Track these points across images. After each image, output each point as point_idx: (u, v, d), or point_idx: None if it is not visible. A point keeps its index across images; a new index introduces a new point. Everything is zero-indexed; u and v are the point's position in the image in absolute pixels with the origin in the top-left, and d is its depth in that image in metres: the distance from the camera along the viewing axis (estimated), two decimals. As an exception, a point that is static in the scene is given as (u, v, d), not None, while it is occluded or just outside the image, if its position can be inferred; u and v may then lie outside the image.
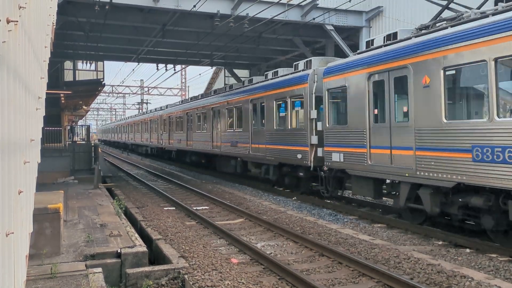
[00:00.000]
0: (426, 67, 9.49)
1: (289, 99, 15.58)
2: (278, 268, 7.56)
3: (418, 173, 9.69)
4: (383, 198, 13.09)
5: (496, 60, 7.99)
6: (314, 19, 19.85)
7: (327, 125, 13.34)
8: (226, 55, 28.12)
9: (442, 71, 9.12)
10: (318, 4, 19.80)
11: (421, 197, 9.75)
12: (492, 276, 7.06)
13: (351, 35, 22.73)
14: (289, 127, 15.60)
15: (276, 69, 17.82)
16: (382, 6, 20.64)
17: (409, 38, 10.45)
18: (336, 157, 12.80)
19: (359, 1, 19.04)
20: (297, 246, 9.34)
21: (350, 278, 7.26)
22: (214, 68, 42.95)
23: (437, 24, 10.25)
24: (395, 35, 11.20)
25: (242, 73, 35.21)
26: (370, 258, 8.06)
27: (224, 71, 38.09)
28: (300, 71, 15.64)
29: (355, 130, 11.90)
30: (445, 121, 9.08)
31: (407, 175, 9.99)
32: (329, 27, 20.76)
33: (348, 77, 12.21)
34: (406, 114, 10.28)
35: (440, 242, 9.58)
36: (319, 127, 13.95)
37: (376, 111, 11.26)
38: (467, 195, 8.81)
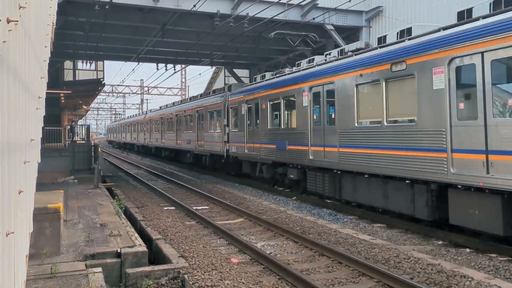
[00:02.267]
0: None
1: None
2: (278, 268, 7.56)
3: None
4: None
5: None
6: (314, 19, 19.86)
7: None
8: (226, 55, 28.12)
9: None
10: (318, 4, 19.81)
11: None
12: (492, 276, 7.06)
13: (351, 35, 22.73)
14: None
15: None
16: (382, 6, 20.65)
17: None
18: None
19: (359, 1, 19.05)
20: (297, 246, 9.34)
21: (350, 278, 7.26)
22: (214, 67, 42.97)
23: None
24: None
25: (242, 72, 35.21)
26: (370, 258, 8.06)
27: (224, 71, 38.10)
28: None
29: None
30: None
31: None
32: (329, 27, 20.77)
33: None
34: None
35: (440, 242, 9.58)
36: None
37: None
38: None
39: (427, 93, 9.53)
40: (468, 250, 8.89)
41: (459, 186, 8.75)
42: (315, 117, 14.03)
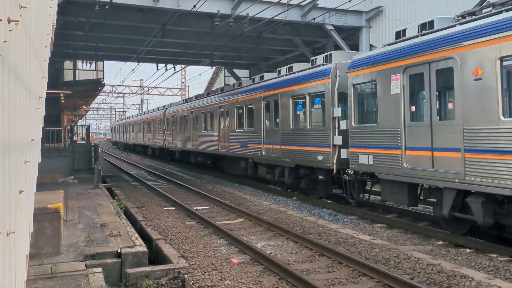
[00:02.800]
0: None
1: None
2: (278, 268, 7.56)
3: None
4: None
5: None
6: (314, 19, 19.85)
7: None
8: (226, 55, 28.12)
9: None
10: (318, 4, 19.81)
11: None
12: (492, 276, 7.06)
13: (351, 35, 22.73)
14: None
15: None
16: (382, 6, 20.64)
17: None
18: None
19: (359, 1, 19.04)
20: (297, 246, 9.34)
21: (350, 278, 7.26)
22: (214, 68, 42.97)
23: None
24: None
25: (242, 73, 35.22)
26: (370, 258, 8.06)
27: (224, 71, 38.11)
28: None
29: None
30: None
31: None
32: (329, 27, 20.76)
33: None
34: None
35: (440, 242, 9.58)
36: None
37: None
38: None
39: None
40: (468, 250, 8.89)
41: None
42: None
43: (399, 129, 10.43)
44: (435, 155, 9.38)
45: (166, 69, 30.72)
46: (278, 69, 17.65)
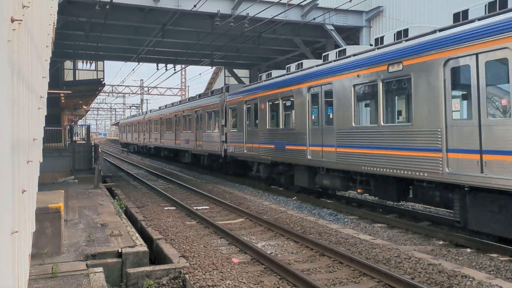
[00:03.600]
0: None
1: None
2: (279, 268, 7.56)
3: None
4: None
5: None
6: (314, 19, 19.86)
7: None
8: (226, 55, 28.12)
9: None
10: (318, 4, 19.81)
11: None
12: (493, 276, 7.07)
13: (351, 35, 22.75)
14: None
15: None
16: (382, 6, 20.65)
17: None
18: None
19: (359, 1, 19.05)
20: (297, 246, 9.35)
21: (351, 278, 7.26)
22: (214, 68, 42.97)
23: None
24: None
25: (242, 73, 35.22)
26: (371, 258, 8.07)
27: (224, 71, 38.10)
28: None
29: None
30: None
31: None
32: (329, 27, 20.77)
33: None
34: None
35: (441, 242, 9.59)
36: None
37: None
38: None
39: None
40: (469, 250, 8.90)
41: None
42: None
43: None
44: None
45: (166, 69, 30.73)
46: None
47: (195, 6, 17.40)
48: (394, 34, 11.64)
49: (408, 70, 10.12)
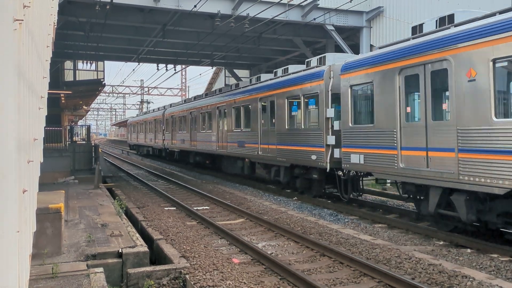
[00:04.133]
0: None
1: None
2: (279, 268, 7.56)
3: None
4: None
5: None
6: (314, 19, 19.85)
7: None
8: (226, 55, 28.12)
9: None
10: (318, 5, 19.80)
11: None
12: (494, 276, 7.07)
13: (351, 35, 22.74)
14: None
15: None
16: (382, 6, 20.65)
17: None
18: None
19: (359, 1, 19.05)
20: (298, 246, 9.34)
21: (351, 278, 7.26)
22: (214, 68, 42.97)
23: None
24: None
25: (243, 73, 35.22)
26: (371, 258, 8.06)
27: (225, 71, 38.10)
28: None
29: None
30: None
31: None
32: (330, 27, 20.76)
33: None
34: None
35: (441, 242, 9.59)
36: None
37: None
38: None
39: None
40: (469, 250, 8.90)
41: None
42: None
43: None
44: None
45: (166, 69, 30.71)
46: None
47: (195, 6, 17.40)
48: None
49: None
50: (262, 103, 18.00)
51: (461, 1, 15.90)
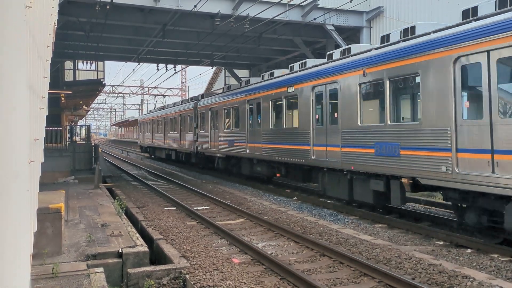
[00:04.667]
0: None
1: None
2: (279, 268, 7.56)
3: None
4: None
5: None
6: (314, 19, 19.86)
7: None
8: (226, 55, 28.12)
9: None
10: (318, 5, 19.81)
11: None
12: (494, 276, 7.07)
13: (351, 35, 22.74)
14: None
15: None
16: (382, 6, 20.65)
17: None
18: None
19: (359, 1, 19.05)
20: (298, 246, 9.35)
21: (351, 278, 7.26)
22: (214, 68, 42.96)
23: None
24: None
25: (243, 73, 35.21)
26: (372, 258, 8.07)
27: (225, 71, 38.09)
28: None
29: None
30: None
31: None
32: (330, 27, 20.77)
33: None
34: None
35: (441, 242, 9.59)
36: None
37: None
38: None
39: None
40: (469, 250, 8.90)
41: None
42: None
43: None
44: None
45: (166, 69, 30.72)
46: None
47: (195, 6, 17.40)
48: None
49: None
50: None
51: (461, 1, 15.88)
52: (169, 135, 32.78)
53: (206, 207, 14.42)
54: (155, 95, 65.77)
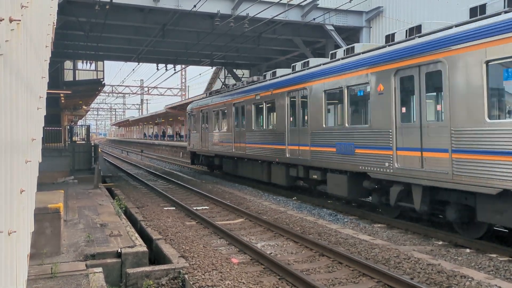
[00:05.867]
0: None
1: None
2: (278, 268, 7.56)
3: None
4: None
5: None
6: (314, 19, 19.86)
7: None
8: (226, 55, 28.12)
9: None
10: (318, 4, 19.81)
11: None
12: (492, 276, 7.07)
13: (351, 35, 22.74)
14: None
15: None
16: (382, 6, 20.65)
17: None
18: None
19: (359, 1, 19.05)
20: (297, 246, 9.35)
21: (350, 278, 7.26)
22: (214, 68, 42.97)
23: None
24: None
25: (242, 73, 35.20)
26: (370, 258, 8.07)
27: (224, 71, 38.10)
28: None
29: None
30: None
31: None
32: (329, 27, 20.77)
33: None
34: None
35: (440, 242, 9.59)
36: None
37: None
38: None
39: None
40: (468, 250, 8.90)
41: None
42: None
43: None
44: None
45: (166, 69, 30.70)
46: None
47: (195, 6, 17.41)
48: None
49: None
50: None
51: (461, 1, 15.88)
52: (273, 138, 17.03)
53: (206, 207, 14.42)
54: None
